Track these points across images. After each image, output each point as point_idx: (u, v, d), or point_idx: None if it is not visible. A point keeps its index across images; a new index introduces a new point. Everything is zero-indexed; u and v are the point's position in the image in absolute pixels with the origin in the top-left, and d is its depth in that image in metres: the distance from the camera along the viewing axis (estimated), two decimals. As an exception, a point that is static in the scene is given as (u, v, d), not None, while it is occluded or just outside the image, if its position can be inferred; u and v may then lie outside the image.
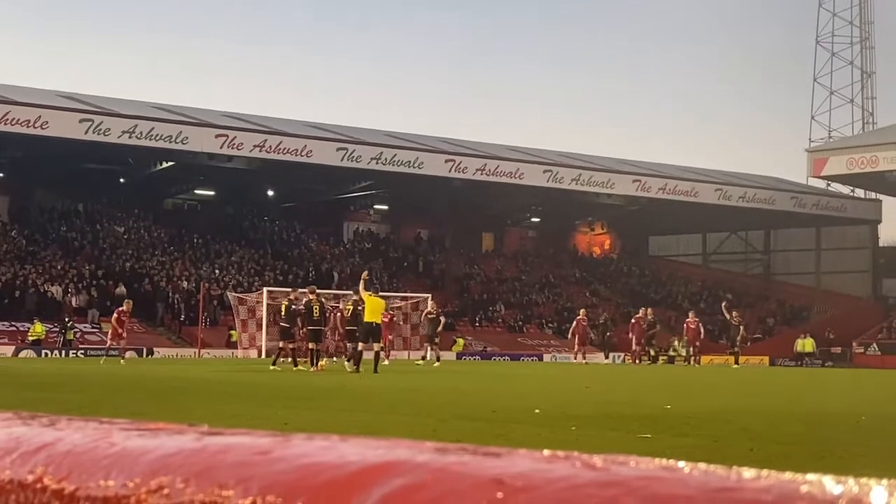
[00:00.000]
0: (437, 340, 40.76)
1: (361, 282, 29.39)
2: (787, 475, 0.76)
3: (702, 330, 46.49)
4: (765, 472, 0.76)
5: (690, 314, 48.07)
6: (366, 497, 0.79)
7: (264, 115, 61.81)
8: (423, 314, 43.29)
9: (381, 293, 32.59)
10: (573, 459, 0.79)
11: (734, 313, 47.45)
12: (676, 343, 53.98)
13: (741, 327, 46.35)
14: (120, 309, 37.22)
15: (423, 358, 40.38)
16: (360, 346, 28.53)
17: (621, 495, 0.72)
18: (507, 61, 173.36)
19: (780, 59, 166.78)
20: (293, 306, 31.55)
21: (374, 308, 28.41)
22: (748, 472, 0.76)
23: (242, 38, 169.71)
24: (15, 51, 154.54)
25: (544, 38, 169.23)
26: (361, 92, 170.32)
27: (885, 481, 0.74)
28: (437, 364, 37.48)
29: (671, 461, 0.79)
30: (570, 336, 44.02)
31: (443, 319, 42.55)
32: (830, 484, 0.73)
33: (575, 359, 46.46)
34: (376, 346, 28.69)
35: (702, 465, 0.77)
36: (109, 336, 37.29)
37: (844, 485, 0.73)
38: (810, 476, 0.75)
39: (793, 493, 0.71)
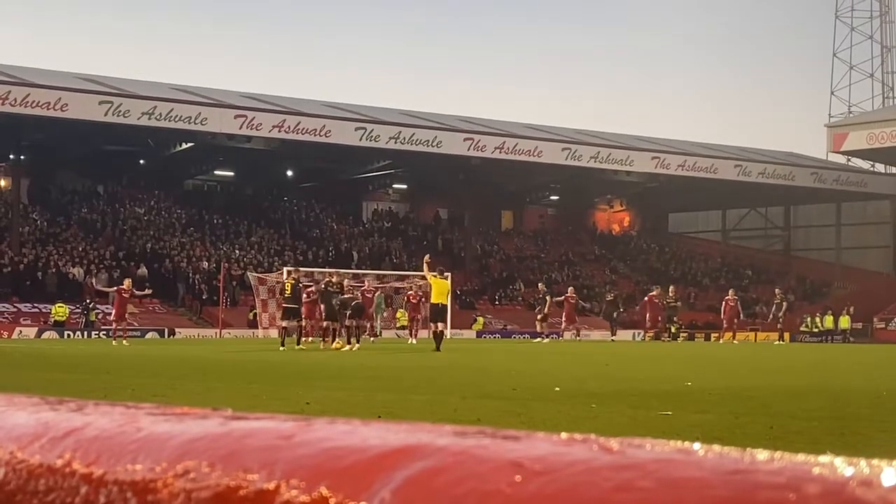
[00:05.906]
0: (547, 318, 42.99)
1: (425, 265, 30.08)
2: (801, 456, 0.76)
3: (740, 308, 47.03)
4: (778, 453, 0.77)
5: (730, 292, 48.43)
6: (388, 480, 0.80)
7: (282, 96, 61.83)
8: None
9: (399, 272, 33.01)
10: (590, 443, 0.81)
11: (776, 290, 49.11)
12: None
13: (784, 303, 47.06)
14: (119, 287, 37.36)
15: (554, 336, 42.64)
16: (433, 326, 29.90)
17: (637, 478, 0.73)
18: (523, 42, 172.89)
19: (799, 34, 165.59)
20: (298, 285, 32.54)
21: (440, 290, 29.49)
22: (762, 454, 0.77)
23: (258, 19, 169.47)
24: (32, 34, 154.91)
25: (561, 13, 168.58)
26: (376, 71, 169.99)
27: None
28: (546, 341, 40.05)
29: (686, 443, 0.80)
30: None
31: (549, 298, 43.80)
32: (842, 465, 0.73)
33: (562, 336, 46.52)
34: (441, 326, 29.54)
35: (716, 448, 0.79)
36: (112, 317, 37.37)
37: (856, 466, 0.73)
38: (822, 458, 0.75)
39: (805, 475, 0.71)
